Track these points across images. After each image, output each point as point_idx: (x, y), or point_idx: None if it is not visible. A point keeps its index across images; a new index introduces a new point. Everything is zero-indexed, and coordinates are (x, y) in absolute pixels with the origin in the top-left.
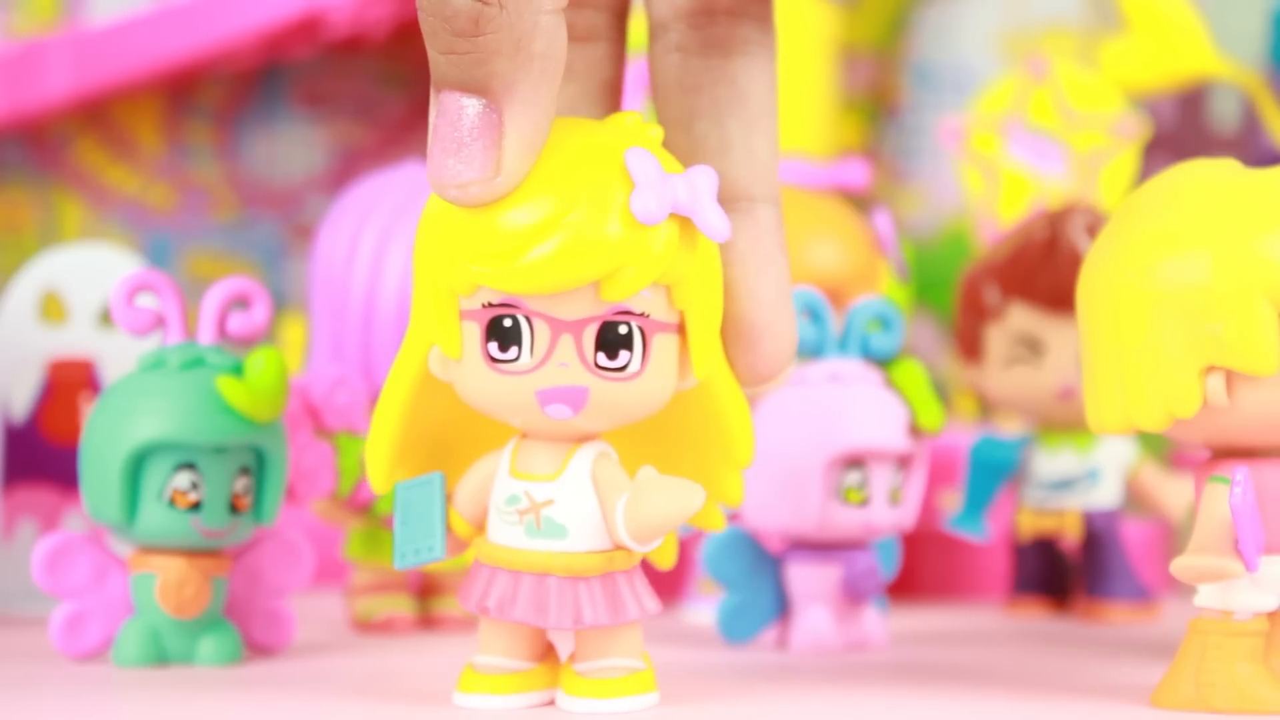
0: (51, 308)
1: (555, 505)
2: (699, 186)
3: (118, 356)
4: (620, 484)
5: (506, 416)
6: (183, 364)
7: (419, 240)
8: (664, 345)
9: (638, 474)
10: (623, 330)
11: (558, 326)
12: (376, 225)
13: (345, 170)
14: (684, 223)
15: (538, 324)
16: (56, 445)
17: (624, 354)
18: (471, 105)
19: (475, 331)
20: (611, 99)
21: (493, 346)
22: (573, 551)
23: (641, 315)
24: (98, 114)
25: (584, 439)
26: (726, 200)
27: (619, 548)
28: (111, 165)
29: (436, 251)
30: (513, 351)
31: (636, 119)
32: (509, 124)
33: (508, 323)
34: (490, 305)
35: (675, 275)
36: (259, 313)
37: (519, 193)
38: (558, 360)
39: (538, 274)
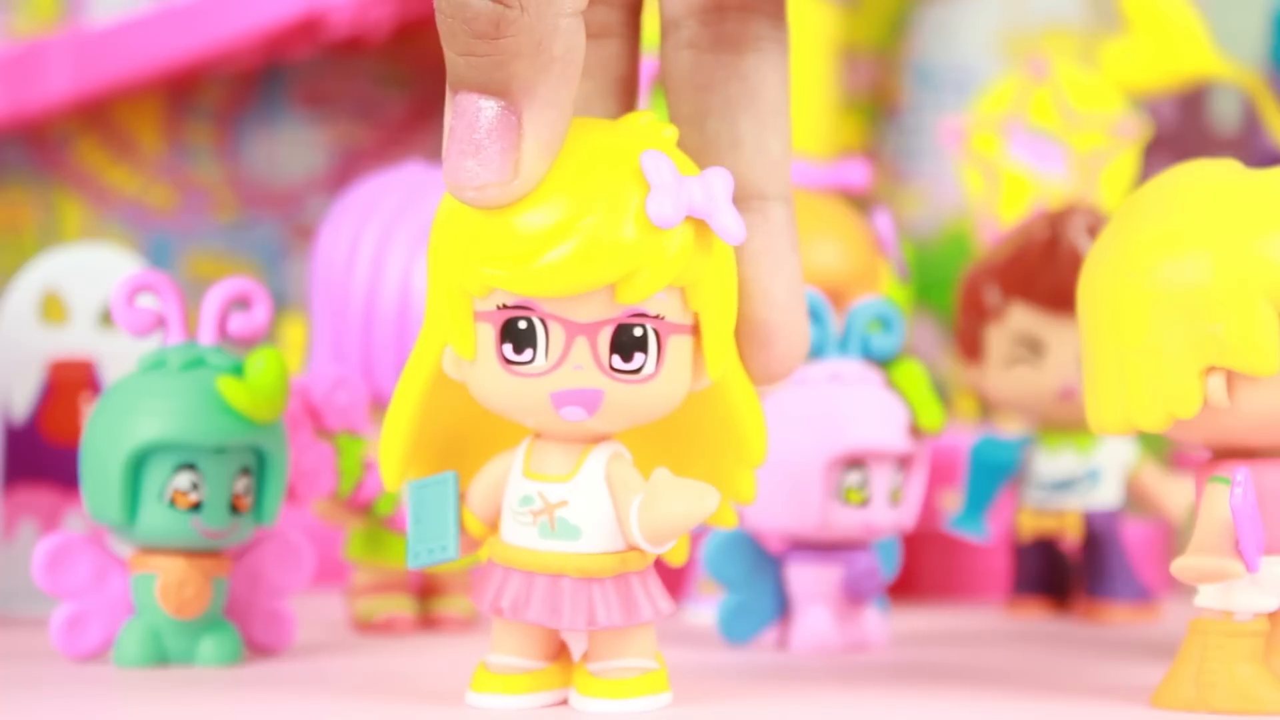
0: (52, 308)
1: (569, 506)
2: (715, 189)
3: (118, 357)
4: (634, 485)
5: (520, 417)
6: (183, 364)
7: (433, 241)
8: (679, 347)
9: (652, 475)
10: (638, 333)
11: (573, 329)
12: (377, 226)
13: (345, 170)
14: (699, 225)
15: (553, 326)
16: (57, 445)
17: (639, 356)
18: (489, 107)
19: (489, 333)
20: (625, 96)
21: (507, 348)
22: (587, 552)
23: (656, 317)
24: (98, 114)
25: (598, 439)
26: (739, 198)
27: (633, 548)
28: (112, 166)
29: (450, 252)
30: (527, 354)
31: (651, 119)
32: (528, 126)
33: (523, 325)
34: (505, 307)
35: (690, 277)
36: (259, 313)
37: (534, 195)
38: (573, 363)
39: (553, 277)
